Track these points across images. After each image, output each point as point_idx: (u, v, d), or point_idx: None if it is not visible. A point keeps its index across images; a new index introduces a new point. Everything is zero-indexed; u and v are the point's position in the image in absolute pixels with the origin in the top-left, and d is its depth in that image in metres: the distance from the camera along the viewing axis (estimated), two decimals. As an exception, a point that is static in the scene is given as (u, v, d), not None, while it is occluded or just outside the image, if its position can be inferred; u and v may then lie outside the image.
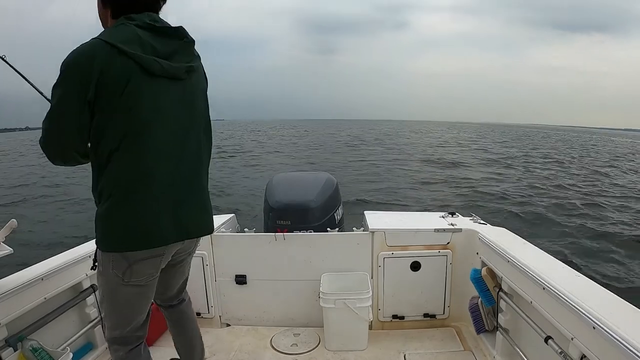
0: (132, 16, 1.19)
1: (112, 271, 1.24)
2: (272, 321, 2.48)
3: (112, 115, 1.14)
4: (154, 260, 1.28)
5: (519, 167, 17.44)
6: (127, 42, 1.13)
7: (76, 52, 1.11)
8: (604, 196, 10.96)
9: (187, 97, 1.29)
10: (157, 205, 1.23)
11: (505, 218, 8.04)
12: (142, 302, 1.37)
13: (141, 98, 1.16)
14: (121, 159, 1.17)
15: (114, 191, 1.19)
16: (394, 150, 24.88)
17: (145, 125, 1.18)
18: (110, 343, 1.40)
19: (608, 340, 1.14)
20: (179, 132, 1.27)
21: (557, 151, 28.47)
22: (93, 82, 1.09)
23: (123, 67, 1.12)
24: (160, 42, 1.20)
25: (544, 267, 1.65)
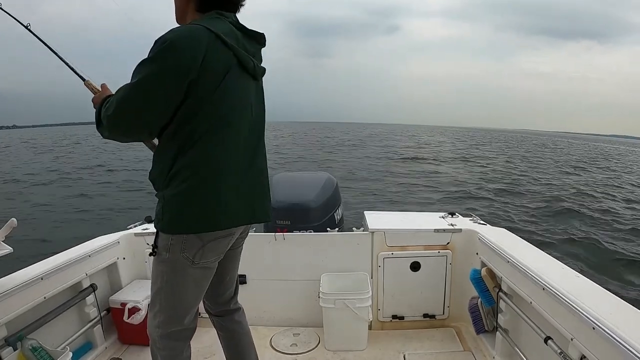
0: (224, 13, 1.23)
1: (182, 254, 1.22)
2: (271, 321, 2.48)
3: (206, 101, 1.15)
4: (224, 240, 1.29)
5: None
6: (227, 34, 1.17)
7: (180, 32, 1.11)
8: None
9: (261, 97, 1.38)
10: (234, 188, 1.24)
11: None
12: (203, 287, 1.36)
13: (235, 90, 1.21)
14: (206, 142, 1.17)
15: (194, 172, 1.18)
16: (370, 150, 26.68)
17: (233, 116, 1.22)
18: (165, 339, 1.34)
19: (608, 340, 1.14)
20: (255, 126, 1.34)
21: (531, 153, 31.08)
22: (196, 66, 1.09)
23: (225, 57, 1.16)
24: (250, 44, 1.28)
25: (544, 267, 1.65)
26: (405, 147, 31.66)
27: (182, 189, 1.18)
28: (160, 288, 1.29)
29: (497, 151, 31.58)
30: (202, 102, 1.14)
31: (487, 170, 17.20)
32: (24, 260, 1.94)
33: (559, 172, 17.93)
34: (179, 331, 1.34)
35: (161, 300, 1.30)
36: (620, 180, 16.17)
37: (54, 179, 13.54)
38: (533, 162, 22.97)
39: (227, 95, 1.19)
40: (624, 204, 10.64)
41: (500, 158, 24.60)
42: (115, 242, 2.32)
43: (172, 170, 1.19)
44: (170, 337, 1.34)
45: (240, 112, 1.26)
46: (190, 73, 1.09)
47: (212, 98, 1.15)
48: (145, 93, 1.10)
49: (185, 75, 1.09)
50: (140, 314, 2.13)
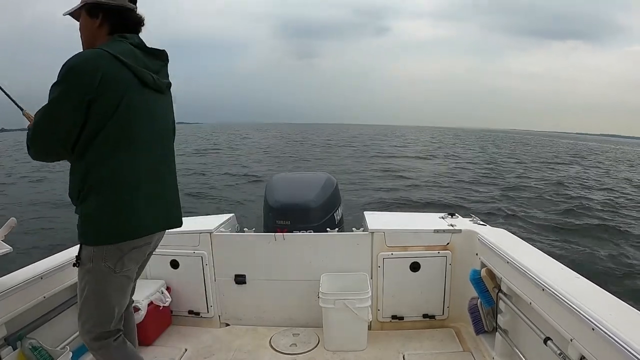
0: (126, 35, 1.35)
1: (104, 264, 1.32)
2: (271, 321, 2.48)
3: (107, 119, 1.25)
4: (143, 248, 1.43)
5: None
6: (125, 55, 1.28)
7: (80, 56, 1.25)
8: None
9: (166, 109, 1.49)
10: (144, 198, 1.35)
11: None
12: (127, 292, 1.50)
13: (135, 105, 1.31)
14: (113, 157, 1.28)
15: (104, 186, 1.29)
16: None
17: (137, 130, 1.32)
18: (95, 340, 1.42)
19: (607, 341, 1.14)
20: (161, 138, 1.45)
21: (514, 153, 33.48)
22: (94, 85, 1.20)
23: (122, 75, 1.26)
24: (151, 61, 1.39)
25: (544, 268, 1.65)
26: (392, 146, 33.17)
27: (96, 204, 1.29)
28: (87, 297, 1.38)
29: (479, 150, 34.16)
30: (104, 119, 1.24)
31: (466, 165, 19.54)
32: (24, 260, 1.94)
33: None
34: (107, 332, 1.42)
35: (88, 309, 1.40)
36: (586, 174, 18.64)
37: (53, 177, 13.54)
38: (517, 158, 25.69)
39: (129, 111, 1.28)
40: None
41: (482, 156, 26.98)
42: None
43: (85, 187, 1.29)
44: (102, 338, 1.42)
45: (145, 126, 1.35)
46: (89, 93, 1.20)
47: (114, 115, 1.25)
48: (51, 115, 1.24)
49: (83, 95, 1.20)
50: (140, 313, 2.13)
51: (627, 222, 8.51)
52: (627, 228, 7.93)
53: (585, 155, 35.40)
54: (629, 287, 4.99)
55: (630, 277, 5.30)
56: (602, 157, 33.50)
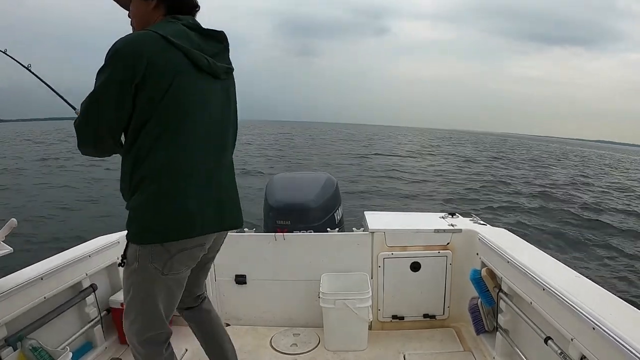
0: (178, 16, 1.24)
1: (151, 264, 1.21)
2: (271, 321, 2.48)
3: (157, 105, 1.15)
4: (194, 250, 1.28)
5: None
6: (176, 36, 1.17)
7: (126, 39, 1.14)
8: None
9: (225, 96, 1.34)
10: (197, 196, 1.23)
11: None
12: (176, 297, 1.35)
13: (187, 90, 1.19)
14: (164, 149, 1.17)
15: (153, 181, 1.18)
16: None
17: (189, 118, 1.20)
18: (145, 346, 1.32)
19: (608, 340, 1.14)
20: (218, 127, 1.31)
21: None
22: (141, 69, 1.10)
23: (172, 58, 1.15)
24: (207, 43, 1.26)
25: (544, 267, 1.65)
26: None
27: (144, 199, 1.19)
28: (133, 297, 1.29)
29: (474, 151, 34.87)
30: (152, 105, 1.14)
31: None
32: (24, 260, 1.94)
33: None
34: (156, 335, 1.34)
35: (135, 309, 1.30)
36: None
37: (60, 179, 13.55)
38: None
39: (180, 96, 1.17)
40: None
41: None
42: (115, 242, 2.32)
43: (133, 181, 1.20)
44: (148, 343, 1.33)
45: (199, 114, 1.23)
46: (135, 76, 1.11)
47: (162, 100, 1.14)
48: (97, 101, 1.14)
49: (130, 80, 1.11)
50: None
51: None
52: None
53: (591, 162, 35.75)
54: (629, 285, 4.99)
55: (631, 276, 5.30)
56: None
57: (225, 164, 1.36)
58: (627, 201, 12.19)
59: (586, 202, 11.06)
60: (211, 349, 1.64)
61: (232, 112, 1.38)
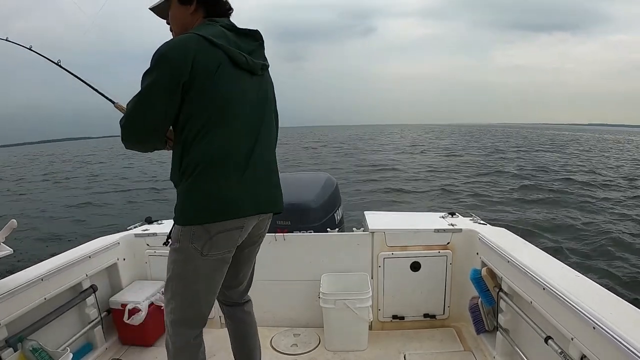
0: (215, 19, 1.34)
1: (191, 245, 1.28)
2: (272, 321, 2.48)
3: (201, 99, 1.23)
4: (233, 232, 1.33)
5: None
6: (216, 36, 1.26)
7: (171, 43, 1.23)
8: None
9: (262, 90, 1.42)
10: (236, 180, 1.30)
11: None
12: (216, 279, 1.39)
13: (228, 85, 1.27)
14: (205, 138, 1.25)
15: (196, 167, 1.26)
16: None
17: (230, 110, 1.28)
18: (175, 326, 1.38)
19: (608, 340, 1.14)
20: (256, 118, 1.38)
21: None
22: (187, 70, 1.19)
23: (214, 56, 1.24)
24: (244, 42, 1.35)
25: (544, 267, 1.65)
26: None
27: (189, 183, 1.27)
28: (172, 276, 1.35)
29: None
30: (199, 100, 1.23)
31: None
32: (24, 261, 1.94)
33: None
34: (188, 319, 1.38)
35: (173, 288, 1.36)
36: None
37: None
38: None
39: (221, 91, 1.26)
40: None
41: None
42: (115, 243, 2.32)
43: (182, 168, 1.28)
44: (181, 324, 1.38)
45: (239, 106, 1.31)
46: (182, 76, 1.19)
47: (206, 95, 1.24)
48: (146, 102, 1.23)
49: (177, 80, 1.19)
50: (141, 314, 2.13)
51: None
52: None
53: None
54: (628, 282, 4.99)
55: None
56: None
57: (267, 154, 1.42)
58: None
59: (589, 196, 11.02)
60: (239, 351, 1.69)
61: (271, 104, 1.47)
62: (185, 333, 1.39)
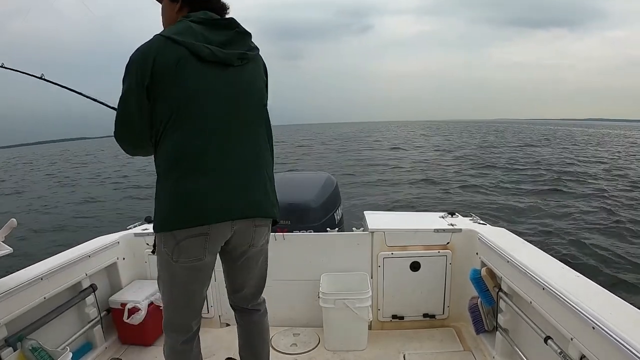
0: (190, 14, 1.30)
1: (164, 249, 1.28)
2: (271, 321, 2.46)
3: (164, 98, 1.23)
4: (198, 239, 1.25)
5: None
6: (179, 33, 1.24)
7: (138, 49, 1.25)
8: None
9: (240, 82, 1.32)
10: (200, 183, 1.23)
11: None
12: (191, 287, 1.34)
13: (189, 78, 1.23)
14: (168, 138, 1.24)
15: (162, 170, 1.26)
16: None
17: (192, 107, 1.24)
18: (164, 328, 1.41)
19: (608, 340, 1.14)
20: (228, 113, 1.29)
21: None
22: (149, 70, 1.20)
23: (174, 53, 1.22)
24: (214, 33, 1.28)
25: (544, 267, 1.65)
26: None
27: (158, 188, 1.28)
28: (158, 277, 1.39)
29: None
30: (161, 100, 1.23)
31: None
32: (24, 261, 1.94)
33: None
34: (174, 323, 1.40)
35: (161, 290, 1.40)
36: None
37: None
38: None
39: (182, 88, 1.23)
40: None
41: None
42: (115, 243, 2.32)
43: (156, 170, 1.29)
44: (168, 328, 1.41)
45: (204, 102, 1.25)
46: (145, 78, 1.21)
47: (167, 94, 1.23)
48: (123, 108, 1.26)
49: (142, 82, 1.21)
50: (140, 314, 2.13)
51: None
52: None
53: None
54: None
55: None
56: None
57: (245, 152, 1.31)
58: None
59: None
60: (243, 353, 1.67)
61: (252, 96, 1.36)
62: (173, 337, 1.39)
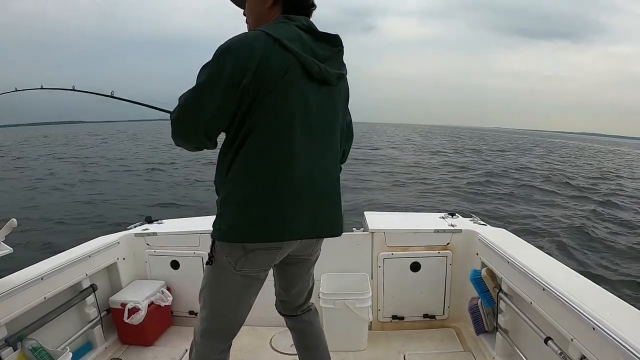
0: (291, 17, 1.20)
1: (226, 258, 1.22)
2: (272, 321, 2.47)
3: (261, 107, 1.12)
4: (271, 252, 1.23)
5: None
6: (290, 38, 1.13)
7: (236, 39, 1.11)
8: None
9: (331, 103, 1.27)
10: (281, 197, 1.17)
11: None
12: (246, 297, 1.31)
13: (294, 93, 1.15)
14: (258, 152, 1.14)
15: (242, 182, 1.16)
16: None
17: (288, 124, 1.15)
18: (202, 336, 1.33)
19: (608, 341, 1.14)
20: (321, 134, 1.24)
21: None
22: (251, 70, 1.08)
23: (283, 61, 1.11)
24: (319, 46, 1.21)
25: (544, 268, 1.65)
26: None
27: (230, 197, 1.18)
28: (205, 286, 1.32)
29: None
30: (257, 107, 1.12)
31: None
32: (24, 261, 1.94)
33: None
34: (215, 330, 1.34)
35: (204, 298, 1.32)
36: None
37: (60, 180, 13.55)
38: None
39: (286, 98, 1.14)
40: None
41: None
42: (115, 243, 2.32)
43: (225, 178, 1.19)
44: (207, 335, 1.34)
45: (300, 120, 1.17)
46: (244, 77, 1.08)
47: (267, 104, 1.12)
48: (196, 99, 1.11)
49: (239, 79, 1.08)
50: (140, 314, 2.13)
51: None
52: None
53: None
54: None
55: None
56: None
57: (326, 172, 1.28)
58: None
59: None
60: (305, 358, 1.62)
61: (339, 117, 1.32)
62: (211, 345, 1.34)
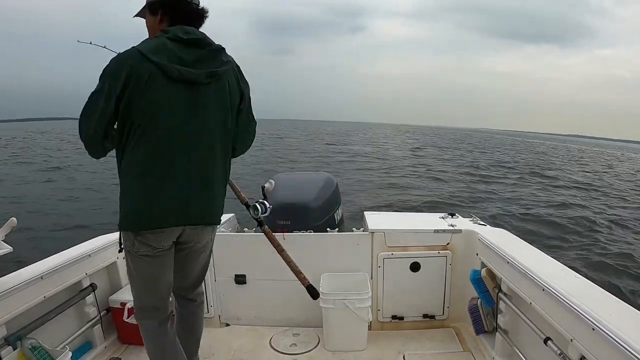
0: (168, 29, 1.40)
1: (126, 243, 1.47)
2: (271, 321, 2.48)
3: (131, 108, 1.33)
4: (154, 236, 1.44)
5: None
6: (155, 51, 1.34)
7: (114, 58, 1.36)
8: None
9: (207, 99, 1.44)
10: (155, 189, 1.39)
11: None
12: (158, 273, 1.52)
13: (157, 95, 1.35)
14: (132, 145, 1.37)
15: (123, 174, 1.41)
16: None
17: (155, 122, 1.36)
18: (139, 314, 1.58)
19: (607, 341, 1.14)
20: (190, 128, 1.41)
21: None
22: (120, 83, 1.31)
23: (147, 70, 1.32)
24: (187, 52, 1.38)
25: (544, 268, 1.65)
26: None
27: (120, 193, 1.43)
28: (127, 271, 1.56)
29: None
30: (129, 108, 1.33)
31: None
32: (24, 260, 1.94)
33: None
34: (145, 308, 1.56)
35: (130, 282, 1.58)
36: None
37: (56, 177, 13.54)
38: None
39: (150, 100, 1.34)
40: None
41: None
42: (115, 242, 2.31)
43: (119, 173, 1.44)
44: (140, 313, 1.58)
45: (165, 118, 1.37)
46: (116, 89, 1.31)
47: (134, 104, 1.33)
48: (88, 107, 1.37)
49: (112, 92, 1.32)
50: (140, 313, 2.13)
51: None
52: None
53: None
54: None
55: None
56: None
57: (203, 167, 1.46)
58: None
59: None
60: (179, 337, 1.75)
61: (220, 112, 1.47)
62: (149, 319, 1.56)
